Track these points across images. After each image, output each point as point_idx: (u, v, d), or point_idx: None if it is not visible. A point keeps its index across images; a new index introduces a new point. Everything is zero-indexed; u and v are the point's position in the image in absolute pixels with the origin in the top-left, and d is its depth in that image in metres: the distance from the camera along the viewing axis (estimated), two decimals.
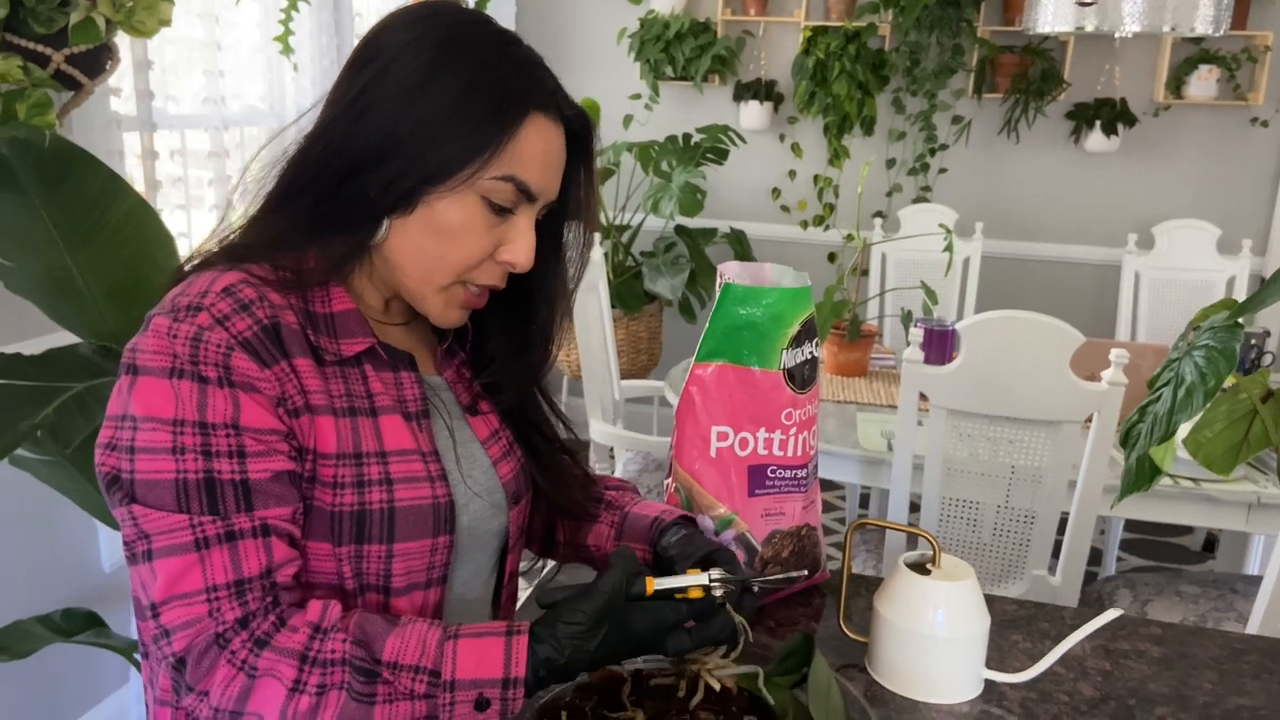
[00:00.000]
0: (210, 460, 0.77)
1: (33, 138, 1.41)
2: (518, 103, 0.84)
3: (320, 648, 0.76)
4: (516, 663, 0.77)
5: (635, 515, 1.03)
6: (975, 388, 1.85)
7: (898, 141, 3.85)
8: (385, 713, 0.75)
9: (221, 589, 0.77)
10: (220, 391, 0.78)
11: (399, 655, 0.77)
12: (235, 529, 0.78)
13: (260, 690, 0.75)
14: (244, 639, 0.76)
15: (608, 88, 3.96)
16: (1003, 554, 1.98)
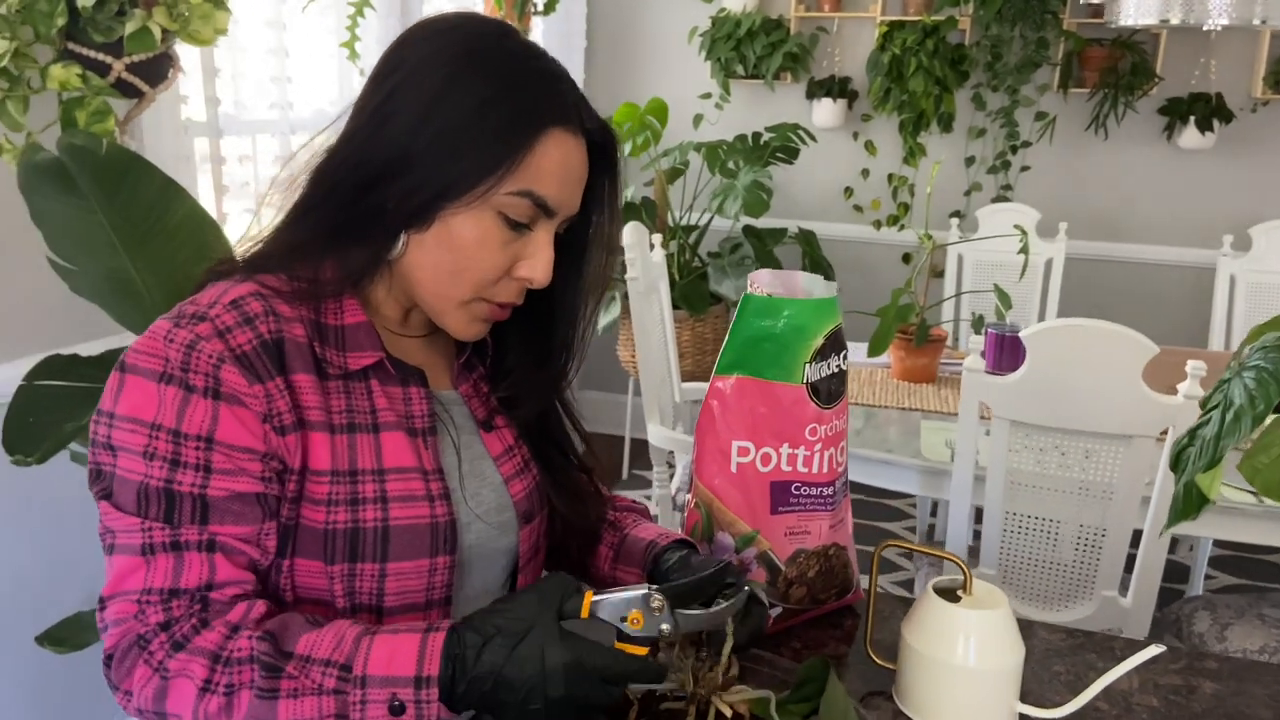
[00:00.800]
0: (175, 470, 0.78)
1: (90, 145, 1.45)
2: (535, 117, 0.83)
3: (232, 646, 0.76)
4: (430, 660, 0.73)
5: (633, 538, 1.01)
6: (1040, 398, 1.77)
7: (977, 139, 3.74)
8: (290, 708, 0.73)
9: (154, 594, 0.78)
10: (204, 402, 0.78)
11: (312, 649, 0.75)
12: (182, 540, 0.78)
13: (174, 691, 0.75)
14: (162, 640, 0.77)
15: (678, 87, 3.93)
16: (1070, 573, 1.89)
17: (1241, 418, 0.81)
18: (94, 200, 1.48)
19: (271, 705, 0.74)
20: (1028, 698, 0.99)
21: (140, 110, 1.68)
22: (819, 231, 3.83)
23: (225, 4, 1.58)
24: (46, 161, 1.45)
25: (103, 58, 1.53)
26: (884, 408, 2.46)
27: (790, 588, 1.05)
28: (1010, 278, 3.48)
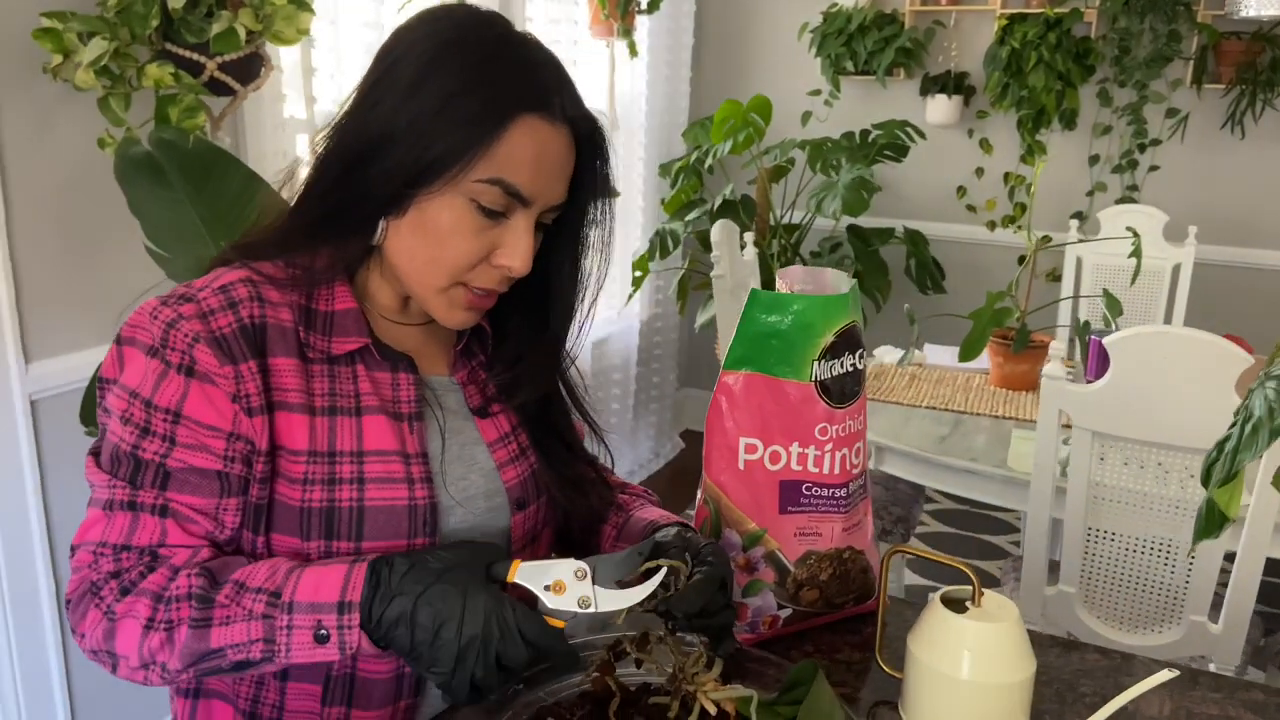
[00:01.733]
0: (143, 438, 0.83)
1: (178, 139, 1.54)
2: (503, 105, 0.83)
3: (173, 586, 0.80)
4: (353, 587, 0.76)
5: (636, 518, 1.01)
6: (1123, 408, 1.68)
7: (1103, 136, 3.56)
8: (222, 634, 0.77)
9: (108, 547, 0.83)
10: (177, 378, 0.83)
11: (247, 578, 0.79)
12: (138, 501, 0.83)
13: (121, 632, 0.80)
14: (112, 588, 0.82)
15: (787, 84, 3.88)
16: (1156, 595, 1.79)
17: (1259, 430, 0.76)
18: (183, 191, 1.58)
19: (204, 634, 0.78)
20: (1045, 717, 0.95)
21: (233, 108, 1.77)
22: (930, 232, 3.72)
23: (309, 5, 1.66)
24: (139, 155, 1.55)
25: (196, 57, 1.63)
26: (975, 415, 2.38)
27: (800, 589, 1.03)
28: (1137, 284, 3.31)
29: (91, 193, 1.75)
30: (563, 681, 0.94)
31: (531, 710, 0.90)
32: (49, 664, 1.80)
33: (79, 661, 1.86)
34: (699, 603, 0.85)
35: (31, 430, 1.72)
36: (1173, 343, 1.60)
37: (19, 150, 1.65)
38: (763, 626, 1.04)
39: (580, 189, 0.92)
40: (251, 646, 0.78)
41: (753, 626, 1.04)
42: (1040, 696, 0.99)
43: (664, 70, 3.67)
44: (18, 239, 1.67)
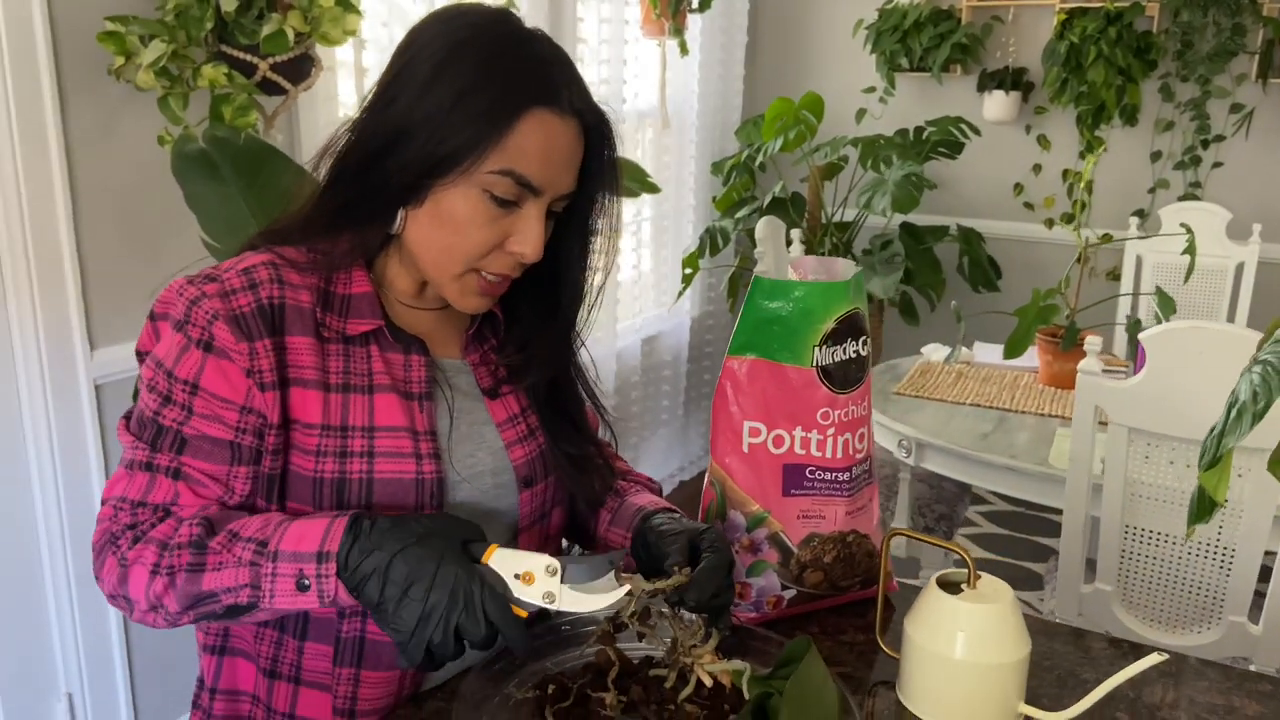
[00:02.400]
0: (165, 405, 0.89)
1: (230, 136, 1.62)
2: (514, 99, 0.87)
3: (178, 535, 0.85)
4: (332, 538, 0.80)
5: (627, 504, 1.04)
6: (1160, 404, 1.66)
7: (1165, 132, 3.48)
8: (214, 579, 0.83)
9: (126, 502, 0.89)
10: (195, 352, 0.89)
11: (241, 529, 0.85)
12: (155, 462, 0.89)
13: (132, 576, 0.86)
14: (128, 537, 0.87)
15: (841, 82, 3.87)
16: (1194, 595, 1.76)
17: (1243, 415, 0.76)
18: (235, 186, 1.65)
19: (199, 577, 0.83)
20: (1042, 701, 0.95)
21: (285, 107, 1.85)
22: (987, 230, 3.68)
23: (355, 7, 1.73)
24: (194, 151, 1.62)
25: (248, 58, 1.71)
26: (1020, 412, 2.36)
27: (804, 571, 1.05)
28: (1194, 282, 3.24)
29: (152, 188, 1.84)
30: (568, 653, 0.98)
31: (537, 678, 0.94)
32: (110, 634, 1.90)
33: (137, 631, 1.95)
34: (710, 589, 0.89)
35: (96, 413, 1.82)
36: (1209, 338, 1.57)
37: (85, 148, 1.74)
38: (767, 606, 1.06)
39: (589, 178, 0.96)
40: (240, 591, 0.83)
41: (757, 606, 1.06)
42: (1041, 681, 1.00)
43: (717, 68, 3.70)
44: (84, 232, 1.76)
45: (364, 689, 0.96)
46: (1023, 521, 3.50)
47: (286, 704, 0.97)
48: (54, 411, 1.76)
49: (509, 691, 0.93)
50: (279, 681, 0.97)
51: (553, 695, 0.90)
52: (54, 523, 1.79)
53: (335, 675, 0.95)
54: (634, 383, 3.48)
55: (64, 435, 1.78)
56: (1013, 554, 3.29)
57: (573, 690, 0.91)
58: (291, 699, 0.97)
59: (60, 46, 1.67)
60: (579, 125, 0.92)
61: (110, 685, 1.92)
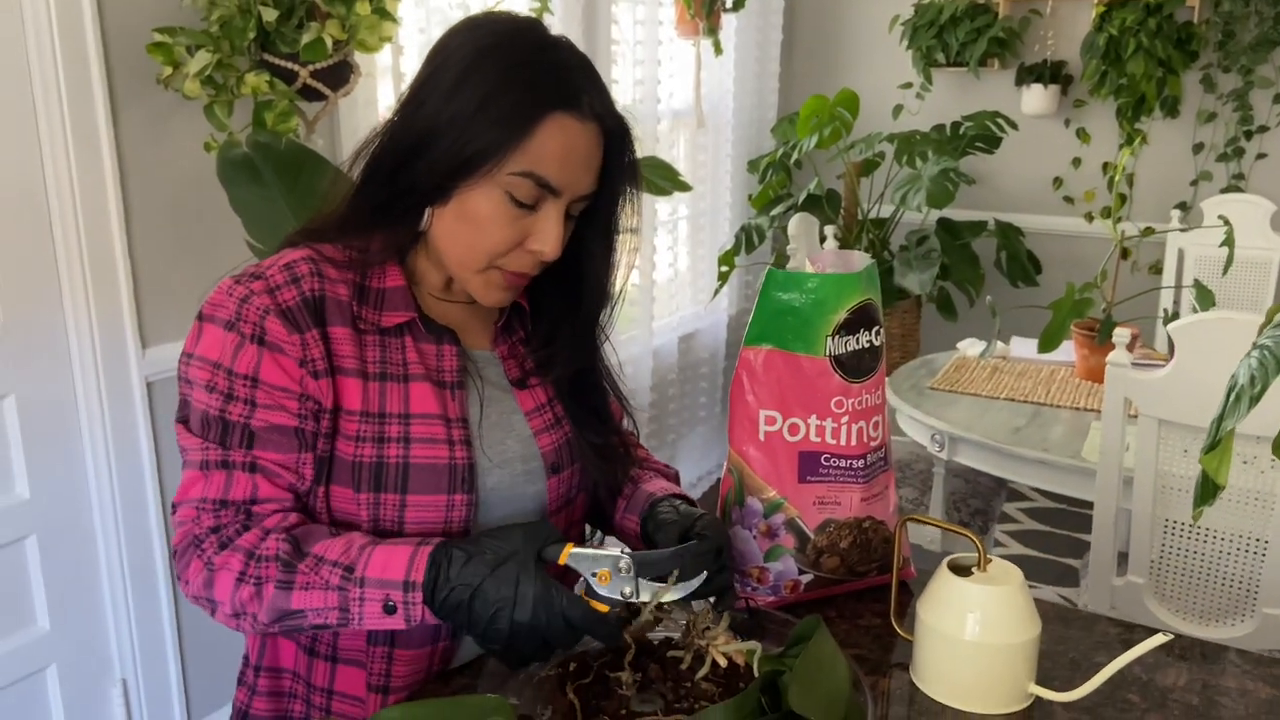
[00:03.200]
0: (228, 402, 0.93)
1: (272, 141, 1.68)
2: (535, 104, 0.91)
3: (263, 546, 0.91)
4: (416, 569, 0.86)
5: (641, 491, 1.09)
6: (1190, 396, 1.66)
7: (1207, 124, 3.44)
8: (303, 598, 0.88)
9: (208, 502, 0.94)
10: (251, 347, 0.93)
11: (325, 551, 0.90)
12: (230, 460, 0.94)
13: (218, 581, 0.91)
14: (212, 541, 0.92)
15: (877, 78, 3.87)
16: (1228, 587, 1.76)
17: (1241, 398, 0.78)
18: (276, 189, 1.72)
19: (288, 595, 0.89)
20: (1054, 683, 0.97)
21: (325, 113, 1.91)
22: (1026, 225, 3.66)
23: (392, 15, 1.78)
24: (238, 156, 1.69)
25: (291, 66, 1.77)
26: (1055, 406, 2.35)
27: (821, 556, 1.08)
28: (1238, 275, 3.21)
29: (199, 192, 1.91)
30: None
31: (559, 656, 0.98)
32: (162, 623, 1.98)
33: (189, 616, 2.03)
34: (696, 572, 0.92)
35: (148, 409, 1.90)
36: (1238, 328, 1.57)
37: (137, 154, 1.82)
38: (785, 590, 1.09)
39: (610, 180, 1.00)
40: (328, 613, 0.89)
41: (774, 590, 1.09)
42: (1054, 664, 1.02)
43: (752, 67, 3.72)
44: (135, 235, 1.84)
45: (397, 666, 1.00)
46: (1062, 518, 3.48)
47: (325, 679, 1.02)
48: (108, 408, 1.83)
49: (532, 669, 0.97)
50: (318, 659, 1.02)
51: (574, 672, 0.94)
52: (109, 516, 1.87)
53: (370, 653, 0.99)
54: (671, 380, 3.51)
55: (118, 431, 1.85)
56: (1052, 550, 3.27)
57: (593, 668, 0.95)
58: (330, 675, 1.02)
59: (111, 57, 1.74)
60: (599, 129, 0.96)
61: (163, 671, 2.00)
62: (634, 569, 0.88)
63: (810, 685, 0.85)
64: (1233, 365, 1.60)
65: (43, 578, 1.80)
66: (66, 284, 1.76)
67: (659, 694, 0.93)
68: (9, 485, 1.75)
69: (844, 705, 0.87)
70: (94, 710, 1.92)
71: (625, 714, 0.90)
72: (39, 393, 1.75)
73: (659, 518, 1.00)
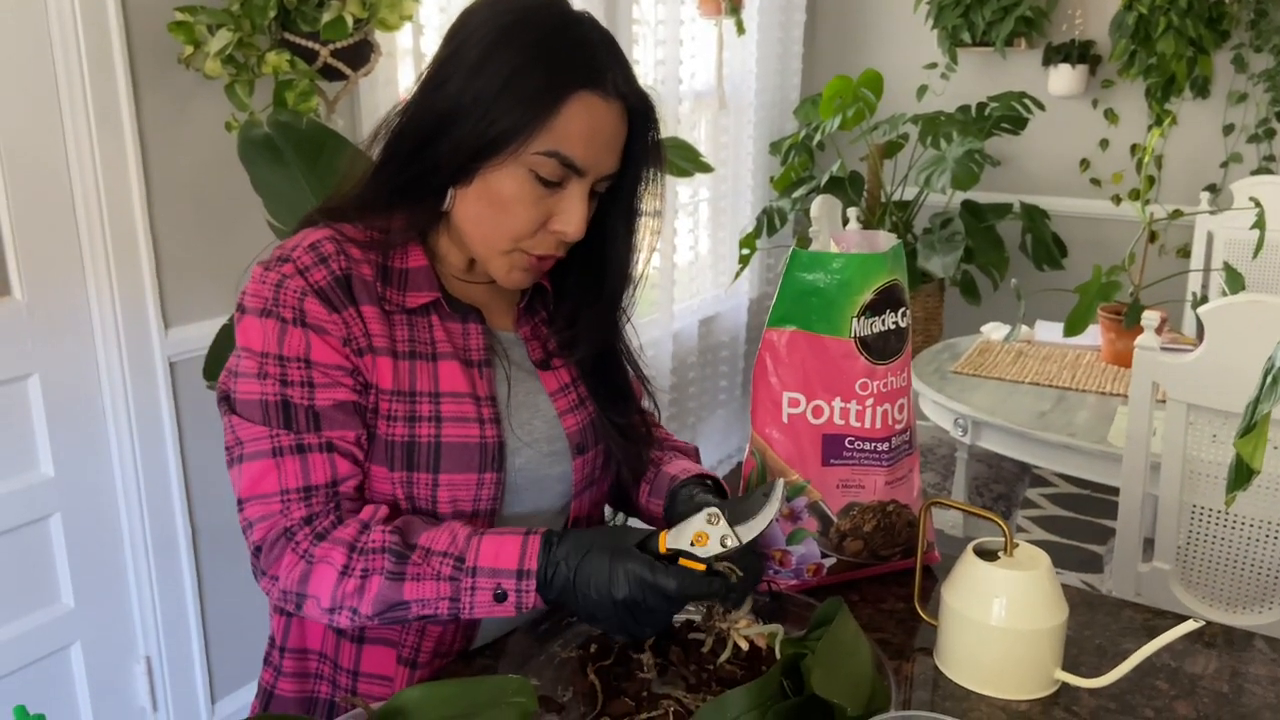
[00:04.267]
0: (285, 387, 0.92)
1: (293, 121, 1.67)
2: (560, 83, 0.90)
3: (366, 539, 0.90)
4: (529, 557, 0.88)
5: (663, 473, 1.08)
6: (1219, 380, 1.63)
7: (1238, 104, 3.38)
8: (414, 589, 0.88)
9: (292, 492, 0.92)
10: (295, 330, 0.92)
11: (431, 543, 0.90)
12: (305, 443, 0.92)
13: (316, 575, 0.90)
14: (306, 533, 0.91)
15: (902, 58, 3.83)
16: (1256, 574, 1.73)
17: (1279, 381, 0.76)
18: (298, 169, 1.71)
19: (399, 586, 0.89)
20: (1081, 670, 0.96)
21: (346, 92, 1.90)
22: (1053, 207, 3.61)
23: None
24: (259, 136, 1.68)
25: (311, 45, 1.76)
26: (1081, 391, 2.33)
27: (844, 540, 1.07)
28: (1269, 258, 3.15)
29: (221, 173, 1.91)
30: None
31: (581, 638, 0.98)
32: (185, 599, 1.99)
33: (212, 594, 2.04)
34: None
35: (170, 389, 1.90)
36: (1268, 311, 1.54)
37: (158, 135, 1.82)
38: (807, 574, 1.08)
39: (634, 159, 0.99)
40: (439, 603, 0.89)
41: (797, 573, 1.08)
42: (1081, 650, 1.01)
43: (775, 47, 3.68)
44: (157, 216, 1.84)
45: (426, 641, 1.00)
46: (1086, 503, 3.45)
47: (351, 661, 1.02)
48: (131, 388, 1.84)
49: (554, 650, 0.97)
50: (345, 640, 1.02)
51: (595, 654, 0.94)
52: (133, 495, 1.88)
53: (404, 627, 0.99)
54: (691, 363, 3.50)
55: (141, 411, 1.86)
56: (1075, 536, 3.24)
57: (614, 650, 0.95)
58: (356, 656, 1.02)
59: (133, 36, 1.74)
60: (623, 108, 0.94)
61: (186, 649, 2.01)
62: (721, 516, 0.89)
63: (833, 668, 0.85)
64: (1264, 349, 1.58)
65: (67, 556, 1.82)
66: (89, 264, 1.76)
67: (680, 677, 0.92)
68: (34, 464, 1.76)
69: (868, 688, 0.86)
70: (118, 687, 1.94)
71: (646, 696, 0.90)
72: (63, 372, 1.76)
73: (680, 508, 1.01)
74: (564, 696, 0.90)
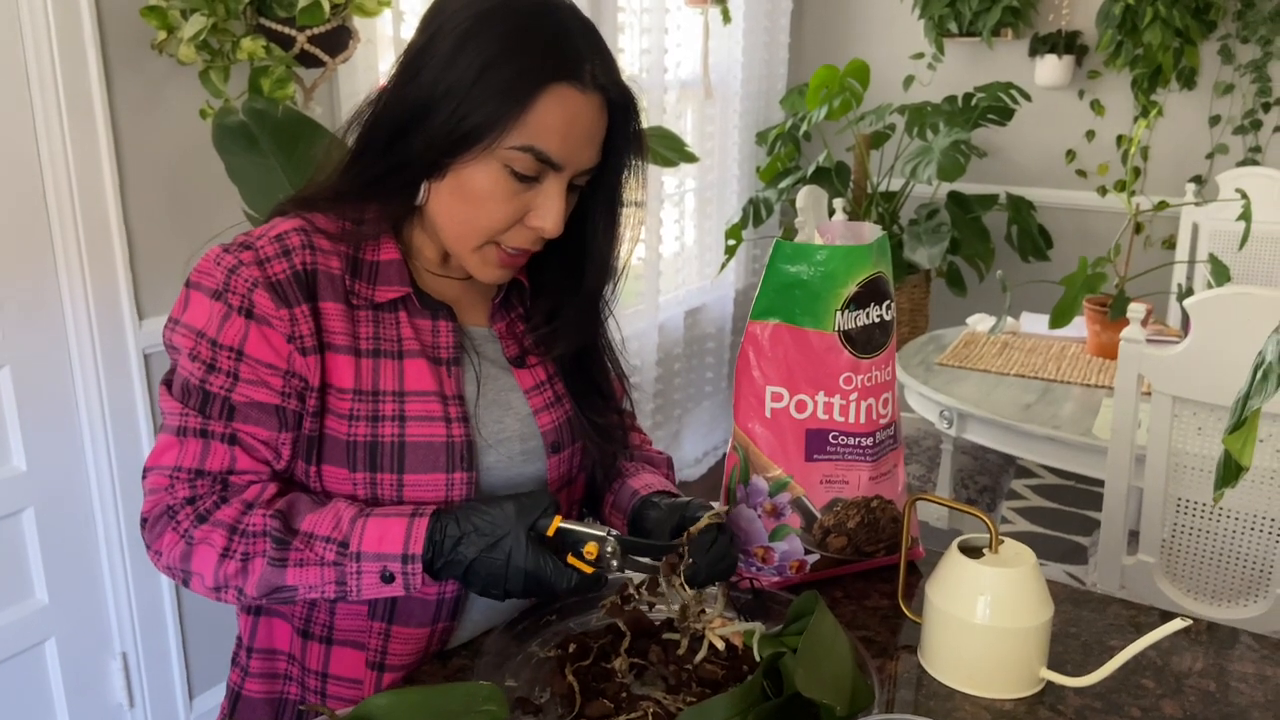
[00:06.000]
0: (210, 373, 0.91)
1: (268, 108, 1.64)
2: (535, 75, 0.87)
3: (248, 521, 0.88)
4: (415, 541, 0.86)
5: (627, 486, 1.06)
6: (1204, 373, 1.62)
7: (1224, 95, 3.37)
8: (297, 574, 0.87)
9: (183, 471, 0.91)
10: (238, 319, 0.90)
11: (315, 527, 0.88)
12: (209, 429, 0.91)
13: (198, 555, 0.89)
14: (188, 513, 0.90)
15: (889, 48, 3.80)
16: (1241, 567, 1.73)
17: (1269, 376, 0.74)
18: (274, 158, 1.68)
19: (281, 571, 0.87)
20: (1066, 667, 0.95)
21: (324, 79, 1.87)
22: (1039, 198, 3.60)
23: None
24: (233, 124, 1.66)
25: (288, 31, 1.73)
26: (1065, 383, 2.32)
27: (828, 536, 1.05)
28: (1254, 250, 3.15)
29: (196, 161, 1.87)
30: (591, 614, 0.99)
31: (559, 638, 0.96)
32: (162, 595, 1.96)
33: (188, 592, 2.01)
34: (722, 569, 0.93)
35: (145, 381, 1.87)
36: (1254, 304, 1.53)
37: (131, 122, 1.78)
38: (790, 570, 1.07)
39: (614, 152, 0.96)
40: (325, 587, 0.88)
41: (780, 570, 1.06)
42: (1066, 648, 0.99)
43: (761, 37, 3.66)
44: (131, 205, 1.81)
45: (394, 644, 0.98)
46: (1070, 495, 3.45)
47: (319, 663, 1.00)
48: (105, 380, 1.81)
49: (532, 650, 0.95)
50: (312, 641, 1.00)
51: (573, 654, 0.92)
52: (106, 488, 1.85)
53: (369, 629, 0.97)
54: (677, 355, 3.48)
55: (115, 403, 1.83)
56: (1060, 527, 3.24)
57: (593, 650, 0.93)
58: (324, 658, 1.00)
59: (105, 21, 1.70)
60: (603, 100, 0.91)
61: (163, 644, 1.99)
62: (619, 551, 0.89)
63: (815, 667, 0.83)
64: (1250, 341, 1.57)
65: (40, 551, 1.78)
66: (61, 254, 1.73)
67: (660, 677, 0.90)
68: (5, 457, 1.73)
69: (849, 682, 0.84)
70: (94, 683, 1.91)
71: (625, 697, 0.88)
72: (35, 364, 1.73)
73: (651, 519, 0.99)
74: (541, 698, 0.88)
